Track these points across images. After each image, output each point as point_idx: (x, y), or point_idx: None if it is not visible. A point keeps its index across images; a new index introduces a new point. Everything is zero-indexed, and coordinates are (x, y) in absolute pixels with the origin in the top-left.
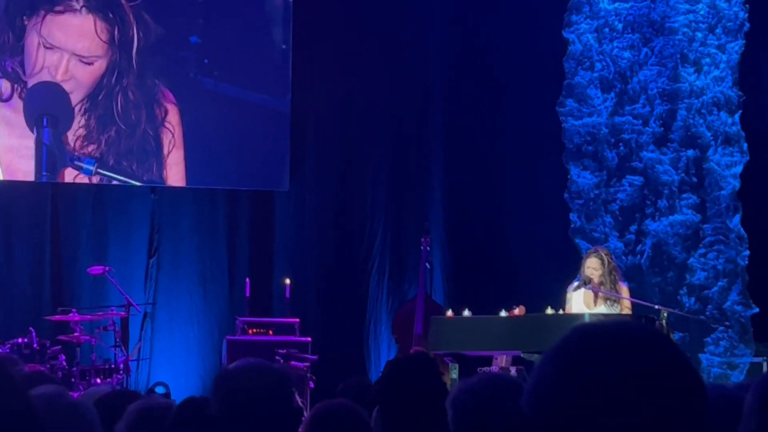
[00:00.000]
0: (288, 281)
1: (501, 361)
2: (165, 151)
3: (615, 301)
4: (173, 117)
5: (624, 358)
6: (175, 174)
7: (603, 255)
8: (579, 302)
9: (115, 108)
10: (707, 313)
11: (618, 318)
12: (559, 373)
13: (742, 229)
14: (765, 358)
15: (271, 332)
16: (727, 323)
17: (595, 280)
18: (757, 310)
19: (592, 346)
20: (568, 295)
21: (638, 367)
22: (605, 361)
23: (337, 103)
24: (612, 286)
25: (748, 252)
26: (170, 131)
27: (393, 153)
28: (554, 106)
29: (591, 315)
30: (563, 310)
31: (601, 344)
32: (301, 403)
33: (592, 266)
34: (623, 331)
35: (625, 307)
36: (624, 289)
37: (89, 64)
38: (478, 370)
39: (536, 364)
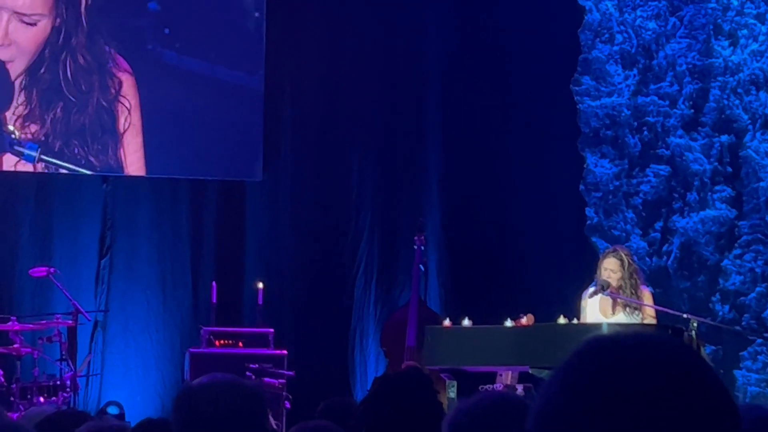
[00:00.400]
0: (261, 285)
1: (506, 378)
2: (120, 130)
3: (636, 308)
4: (129, 90)
5: (644, 377)
6: (132, 162)
7: (623, 255)
8: (595, 310)
9: (62, 75)
10: (744, 323)
11: (639, 329)
12: (570, 394)
13: None
14: None
15: (241, 344)
16: (766, 335)
17: (613, 284)
18: None
19: (608, 363)
20: (583, 303)
21: (661, 387)
22: (623, 380)
23: (318, 81)
24: (632, 291)
25: None
26: (126, 107)
27: (383, 138)
28: (568, 84)
29: (609, 325)
30: (578, 319)
31: (618, 360)
32: (275, 426)
33: (610, 268)
34: (643, 345)
35: (648, 315)
36: (647, 295)
37: (32, 24)
38: (479, 388)
39: (544, 382)
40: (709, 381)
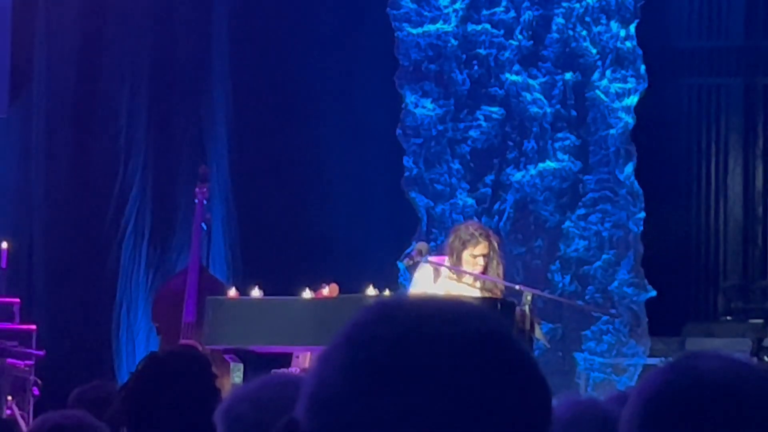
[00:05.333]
0: (5, 245)
1: (304, 360)
2: None
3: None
4: None
5: (433, 350)
6: None
7: (494, 242)
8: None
9: None
10: (587, 297)
11: (435, 296)
12: (348, 372)
13: (636, 182)
14: (663, 358)
15: None
16: (613, 311)
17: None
18: (653, 293)
19: (393, 335)
20: (417, 274)
21: (452, 365)
22: (409, 354)
23: None
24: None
25: (643, 214)
26: None
27: (158, 65)
28: (384, 8)
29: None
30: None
31: (404, 332)
32: (20, 417)
33: (483, 254)
34: (433, 314)
35: (497, 290)
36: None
37: None
38: (271, 372)
39: (316, 358)
40: (516, 355)
